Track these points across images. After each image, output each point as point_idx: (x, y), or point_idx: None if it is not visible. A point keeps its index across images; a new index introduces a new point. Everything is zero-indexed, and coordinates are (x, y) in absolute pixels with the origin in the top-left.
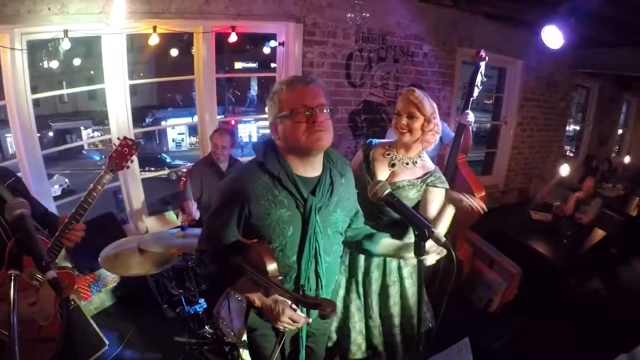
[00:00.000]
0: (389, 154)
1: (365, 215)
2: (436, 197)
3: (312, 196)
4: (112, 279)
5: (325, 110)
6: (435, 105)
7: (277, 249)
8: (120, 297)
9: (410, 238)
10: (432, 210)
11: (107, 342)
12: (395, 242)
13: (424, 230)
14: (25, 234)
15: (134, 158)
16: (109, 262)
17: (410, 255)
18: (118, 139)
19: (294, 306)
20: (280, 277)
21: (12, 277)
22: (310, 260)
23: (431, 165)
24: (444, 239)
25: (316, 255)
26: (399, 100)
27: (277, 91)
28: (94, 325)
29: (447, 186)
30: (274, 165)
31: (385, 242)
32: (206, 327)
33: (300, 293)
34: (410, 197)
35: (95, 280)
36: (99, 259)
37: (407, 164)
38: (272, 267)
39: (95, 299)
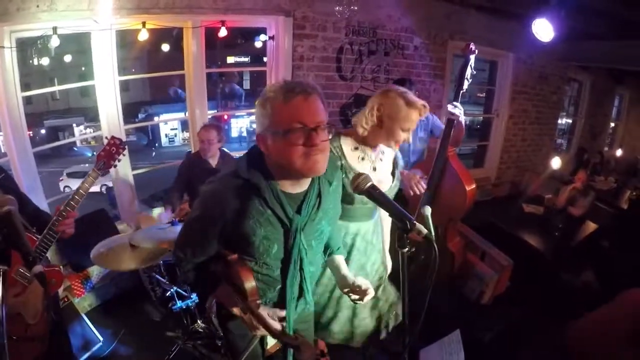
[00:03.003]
0: (363, 159)
1: None
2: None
3: (298, 215)
4: (105, 275)
5: (325, 129)
6: None
7: (260, 264)
8: (113, 294)
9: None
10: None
11: (100, 339)
12: (340, 267)
13: (405, 223)
14: (13, 230)
15: (122, 157)
16: (101, 257)
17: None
18: (106, 138)
19: (271, 313)
20: (259, 301)
21: (0, 273)
22: (295, 274)
23: (387, 148)
24: (425, 231)
25: (301, 269)
26: (412, 112)
27: (270, 99)
28: (88, 321)
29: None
30: (259, 183)
31: (334, 260)
32: (198, 321)
33: (281, 329)
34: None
35: (89, 277)
36: (91, 255)
37: (381, 159)
38: (250, 288)
39: (88, 296)
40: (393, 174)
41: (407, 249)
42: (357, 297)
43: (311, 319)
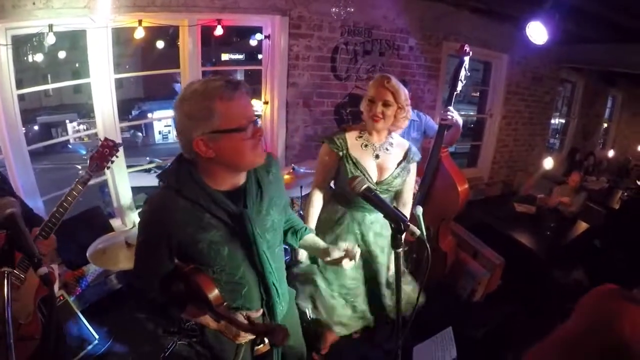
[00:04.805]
0: (366, 146)
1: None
2: (413, 171)
3: (245, 209)
4: (100, 273)
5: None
6: (407, 92)
7: (218, 270)
8: (109, 291)
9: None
10: (409, 183)
11: (96, 337)
12: (317, 242)
13: (399, 224)
14: (17, 232)
15: (115, 158)
16: (97, 256)
17: (327, 259)
18: (99, 139)
19: (245, 316)
20: (225, 303)
21: (5, 274)
22: (259, 272)
23: (404, 141)
24: (418, 232)
25: (263, 266)
26: (371, 86)
27: (214, 97)
28: (84, 320)
29: (420, 156)
30: (191, 190)
31: (307, 240)
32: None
33: (248, 321)
34: (407, 179)
35: (84, 275)
36: (87, 254)
37: (387, 149)
38: (213, 294)
39: (84, 294)
40: (400, 165)
41: (401, 249)
42: (347, 260)
43: (295, 325)
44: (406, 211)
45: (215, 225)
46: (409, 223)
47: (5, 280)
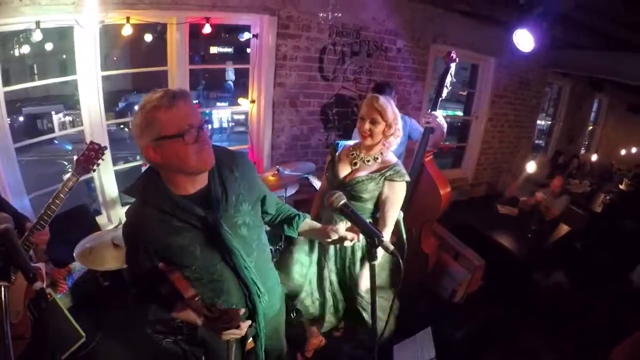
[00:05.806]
0: (352, 155)
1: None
2: (394, 190)
3: (209, 210)
4: (87, 270)
5: (205, 125)
6: (397, 112)
7: (197, 270)
8: (95, 289)
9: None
10: (389, 203)
11: (83, 334)
12: (316, 226)
13: (374, 239)
14: (11, 248)
15: (101, 161)
16: (84, 256)
17: (333, 237)
18: (86, 143)
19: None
20: (197, 298)
21: (1, 288)
22: (234, 269)
23: (392, 159)
24: (392, 248)
25: (236, 263)
26: (363, 104)
27: (154, 108)
28: (70, 317)
29: (407, 179)
30: (156, 198)
31: (305, 227)
32: None
33: (210, 310)
34: (369, 189)
35: (71, 272)
36: (74, 254)
37: (368, 161)
38: (185, 290)
39: (71, 291)
40: (370, 175)
41: (375, 262)
42: (351, 237)
43: (279, 323)
44: (386, 232)
45: (185, 228)
46: (383, 239)
47: (2, 294)
